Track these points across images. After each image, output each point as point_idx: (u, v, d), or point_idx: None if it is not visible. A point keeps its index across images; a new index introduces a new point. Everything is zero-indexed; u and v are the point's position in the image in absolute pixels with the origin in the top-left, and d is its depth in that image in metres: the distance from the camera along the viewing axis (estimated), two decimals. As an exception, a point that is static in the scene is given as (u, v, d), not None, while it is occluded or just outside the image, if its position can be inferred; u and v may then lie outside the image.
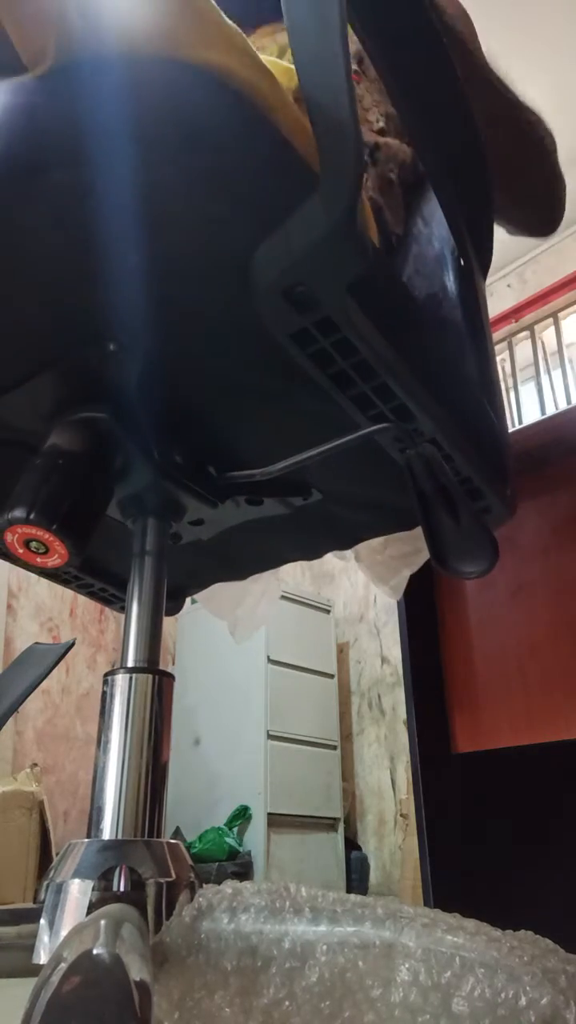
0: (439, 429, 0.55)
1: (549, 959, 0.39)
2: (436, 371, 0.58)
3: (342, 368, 0.49)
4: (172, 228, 0.44)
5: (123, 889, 0.46)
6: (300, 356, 0.48)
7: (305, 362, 0.49)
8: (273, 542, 0.78)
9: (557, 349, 2.98)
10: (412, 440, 0.55)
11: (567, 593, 1.06)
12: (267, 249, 0.43)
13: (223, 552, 0.76)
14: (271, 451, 0.60)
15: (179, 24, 0.40)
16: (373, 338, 0.47)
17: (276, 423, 0.61)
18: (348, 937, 0.42)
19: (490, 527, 0.62)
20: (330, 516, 0.72)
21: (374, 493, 0.69)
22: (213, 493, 0.62)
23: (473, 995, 0.38)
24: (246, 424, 0.61)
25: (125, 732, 0.52)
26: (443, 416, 0.55)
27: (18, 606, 3.12)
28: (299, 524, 0.71)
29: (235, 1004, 0.42)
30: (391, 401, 0.52)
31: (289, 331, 0.46)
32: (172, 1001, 0.42)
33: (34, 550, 0.49)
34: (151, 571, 0.60)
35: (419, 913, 0.43)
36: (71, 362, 0.52)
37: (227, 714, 3.03)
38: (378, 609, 3.40)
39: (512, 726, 1.07)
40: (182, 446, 0.59)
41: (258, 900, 0.45)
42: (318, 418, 0.57)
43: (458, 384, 0.64)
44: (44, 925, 0.47)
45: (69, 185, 0.41)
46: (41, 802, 2.42)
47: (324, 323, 0.46)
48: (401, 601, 1.19)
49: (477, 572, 0.61)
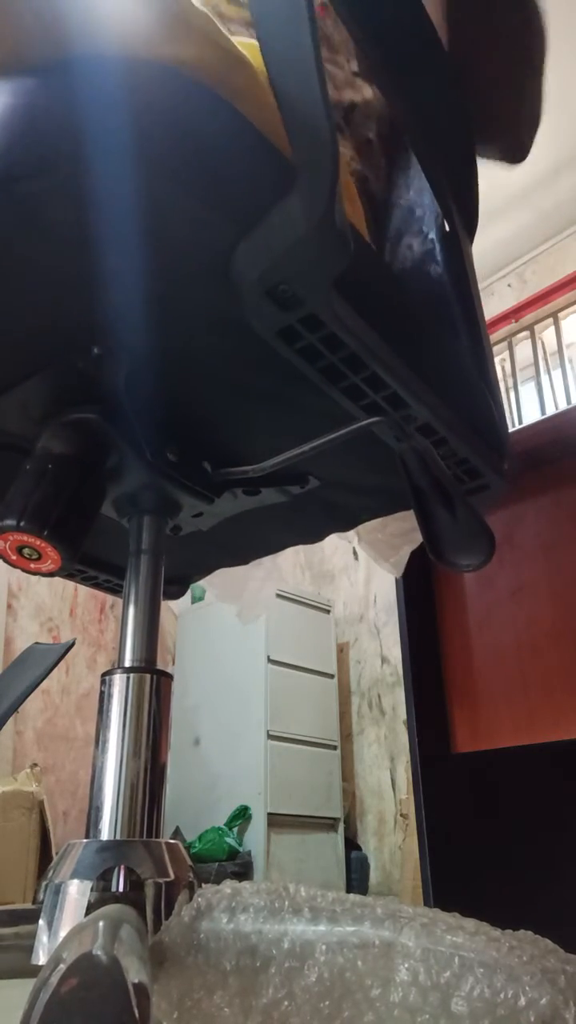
0: (433, 414, 0.55)
1: (549, 959, 0.39)
2: (426, 353, 0.57)
3: (331, 362, 0.49)
4: (152, 230, 0.43)
5: (122, 889, 0.46)
6: (288, 352, 0.48)
7: (293, 358, 0.48)
8: (274, 528, 0.78)
9: (557, 349, 2.98)
10: (405, 432, 0.54)
11: (567, 593, 1.06)
12: (247, 249, 0.43)
13: (224, 539, 0.76)
14: (266, 444, 0.59)
15: (142, 19, 0.39)
16: (361, 331, 0.47)
17: (269, 417, 0.60)
18: (347, 937, 0.42)
19: (488, 503, 0.62)
20: (329, 501, 0.72)
21: (371, 477, 0.69)
22: (209, 489, 0.61)
23: (472, 995, 0.38)
24: (240, 419, 0.61)
25: (123, 732, 0.52)
26: (435, 400, 0.55)
27: (18, 606, 3.12)
28: (298, 510, 0.71)
29: (234, 1004, 0.42)
30: (383, 390, 0.52)
31: (275, 329, 0.46)
32: (171, 1001, 0.42)
33: (27, 556, 0.49)
34: (147, 570, 0.60)
35: (418, 913, 0.43)
36: (59, 366, 0.52)
37: (227, 714, 3.03)
38: (378, 609, 3.40)
39: (512, 726, 1.07)
40: (176, 444, 0.59)
41: (257, 900, 0.45)
42: (311, 410, 0.57)
43: (449, 361, 0.63)
44: (43, 926, 0.47)
45: (51, 189, 0.40)
46: (41, 802, 2.42)
47: (309, 320, 0.45)
48: (401, 601, 1.19)
49: (474, 565, 0.61)
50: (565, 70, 2.88)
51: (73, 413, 0.53)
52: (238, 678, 3.03)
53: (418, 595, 1.20)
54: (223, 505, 0.65)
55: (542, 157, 3.22)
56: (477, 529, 0.59)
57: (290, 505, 0.69)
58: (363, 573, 3.51)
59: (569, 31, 2.77)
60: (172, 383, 0.57)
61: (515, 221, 3.42)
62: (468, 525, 0.59)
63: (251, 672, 2.99)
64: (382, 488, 0.71)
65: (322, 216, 0.40)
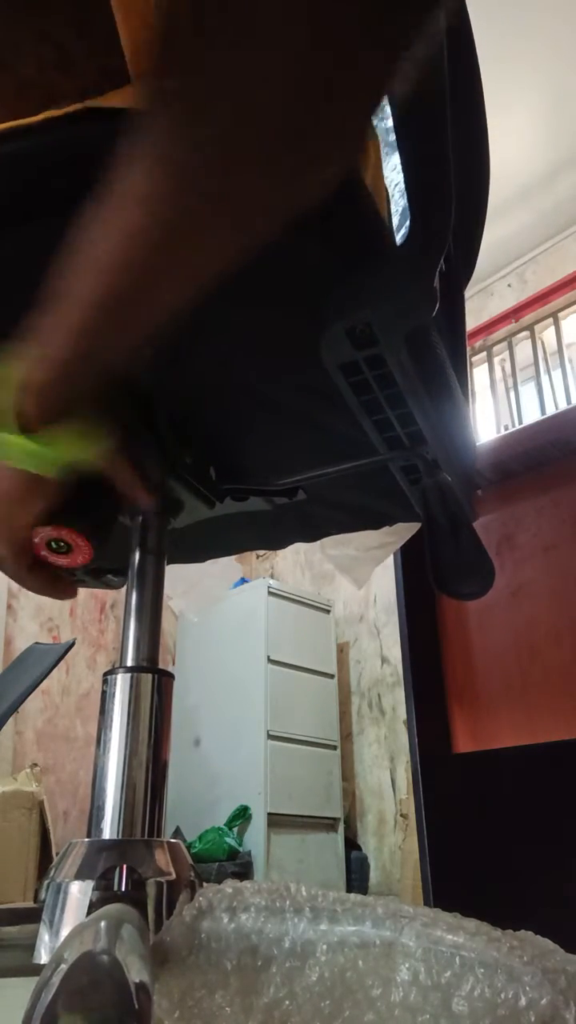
0: (441, 452, 0.59)
1: (549, 959, 0.39)
2: (441, 394, 0.61)
3: (377, 396, 0.53)
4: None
5: (123, 889, 0.46)
6: (342, 383, 0.51)
7: (346, 389, 0.52)
8: (239, 532, 0.79)
9: (557, 349, 2.98)
10: (431, 469, 0.58)
11: (567, 593, 1.06)
12: (343, 289, 0.46)
13: (183, 538, 0.77)
14: (267, 455, 0.61)
15: None
16: (412, 374, 0.51)
17: (281, 432, 0.62)
18: (348, 936, 0.42)
19: None
20: (305, 513, 0.74)
21: (360, 498, 0.70)
22: (213, 493, 0.62)
23: (473, 995, 0.38)
24: (251, 431, 0.62)
25: (125, 731, 0.52)
26: (446, 439, 0.59)
27: (18, 606, 3.12)
28: (274, 519, 0.73)
29: (235, 1003, 0.42)
30: (409, 426, 0.56)
31: (341, 362, 0.49)
32: (173, 1000, 0.42)
33: (57, 549, 0.50)
34: (151, 570, 0.60)
35: (419, 912, 0.43)
36: None
37: (227, 714, 3.03)
38: (378, 609, 3.40)
39: (512, 726, 1.07)
40: (192, 448, 0.60)
41: (258, 900, 0.45)
42: (334, 433, 0.60)
43: (452, 402, 0.66)
44: (44, 925, 0.47)
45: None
46: (41, 802, 2.42)
47: (374, 359, 0.49)
48: (401, 601, 1.19)
49: (475, 594, 0.63)
50: (565, 70, 2.88)
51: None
52: (238, 678, 3.03)
53: (418, 595, 1.20)
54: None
55: (541, 157, 3.22)
56: (480, 561, 0.62)
57: (268, 513, 0.70)
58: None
59: (568, 32, 2.77)
60: (198, 389, 0.58)
61: (515, 221, 3.42)
62: (472, 556, 0.62)
63: (251, 672, 2.99)
64: (362, 508, 0.73)
65: (426, 273, 0.43)
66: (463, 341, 0.71)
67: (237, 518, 0.70)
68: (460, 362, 0.69)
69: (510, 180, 3.24)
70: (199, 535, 0.76)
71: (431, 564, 0.62)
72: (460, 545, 0.61)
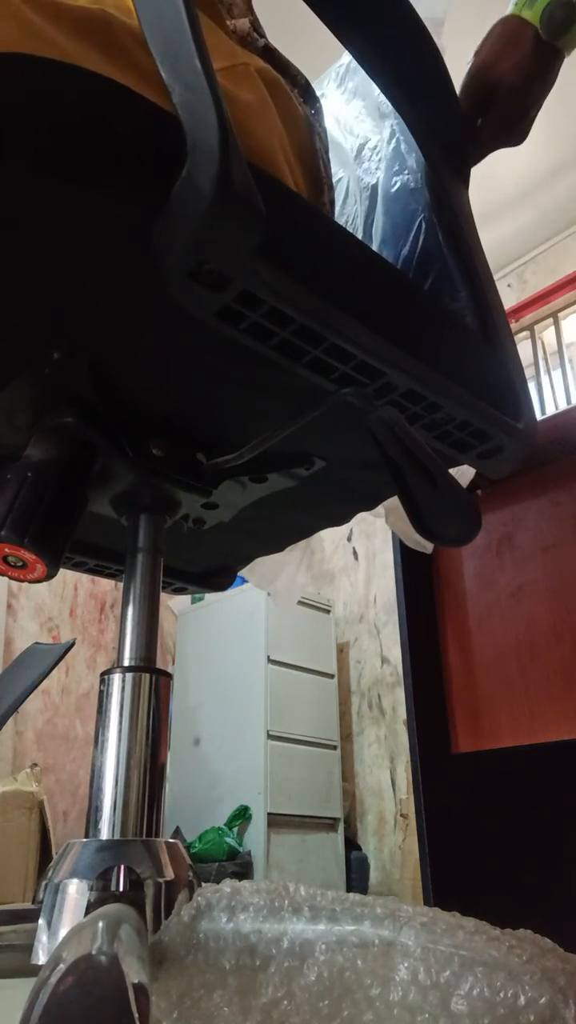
0: (415, 379, 0.49)
1: (548, 958, 0.39)
2: (399, 311, 0.54)
3: (284, 337, 0.44)
4: (64, 229, 0.42)
5: (121, 889, 0.46)
6: (235, 334, 0.44)
7: (243, 339, 0.44)
8: (298, 514, 0.77)
9: (557, 349, 2.97)
10: (370, 403, 0.50)
11: (567, 593, 1.06)
12: (159, 233, 0.39)
13: (253, 528, 0.76)
14: (258, 430, 0.57)
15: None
16: (304, 299, 0.42)
17: (250, 401, 0.57)
18: (347, 936, 0.42)
19: (506, 466, 0.57)
20: (343, 480, 0.69)
21: (375, 452, 0.66)
22: (203, 481, 0.60)
23: (472, 994, 0.38)
24: (220, 407, 0.58)
25: (122, 731, 0.52)
26: (416, 363, 0.49)
27: (18, 606, 3.12)
28: (316, 493, 0.70)
29: (234, 1003, 0.42)
30: (349, 360, 0.47)
31: (212, 311, 0.42)
32: (171, 1000, 0.42)
33: (13, 564, 0.49)
34: (146, 568, 0.60)
35: (418, 912, 0.43)
36: (27, 373, 0.52)
37: (227, 714, 3.02)
38: (378, 609, 3.39)
39: (512, 726, 1.07)
40: (162, 438, 0.58)
41: (257, 899, 0.45)
42: (288, 390, 0.53)
43: (439, 319, 0.60)
44: (43, 925, 0.47)
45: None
46: (41, 802, 2.42)
47: (244, 296, 0.41)
48: (401, 601, 1.19)
49: (462, 538, 0.59)
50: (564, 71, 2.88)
51: (52, 419, 0.53)
52: (238, 678, 3.03)
53: (418, 595, 1.20)
54: (231, 495, 0.64)
55: (542, 157, 3.21)
56: (462, 501, 0.56)
57: (306, 489, 0.67)
58: (363, 573, 3.51)
59: (569, 31, 2.77)
60: (141, 378, 0.55)
61: (515, 221, 3.42)
62: (451, 497, 0.56)
63: (251, 672, 2.99)
64: (389, 461, 0.68)
65: (217, 179, 0.36)
66: (462, 234, 0.62)
67: (283, 500, 0.67)
68: (465, 261, 0.61)
69: (510, 180, 3.24)
70: (263, 524, 0.76)
71: (406, 508, 0.57)
72: (437, 485, 0.55)
